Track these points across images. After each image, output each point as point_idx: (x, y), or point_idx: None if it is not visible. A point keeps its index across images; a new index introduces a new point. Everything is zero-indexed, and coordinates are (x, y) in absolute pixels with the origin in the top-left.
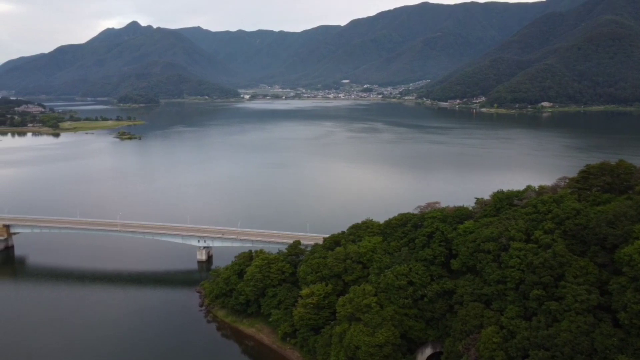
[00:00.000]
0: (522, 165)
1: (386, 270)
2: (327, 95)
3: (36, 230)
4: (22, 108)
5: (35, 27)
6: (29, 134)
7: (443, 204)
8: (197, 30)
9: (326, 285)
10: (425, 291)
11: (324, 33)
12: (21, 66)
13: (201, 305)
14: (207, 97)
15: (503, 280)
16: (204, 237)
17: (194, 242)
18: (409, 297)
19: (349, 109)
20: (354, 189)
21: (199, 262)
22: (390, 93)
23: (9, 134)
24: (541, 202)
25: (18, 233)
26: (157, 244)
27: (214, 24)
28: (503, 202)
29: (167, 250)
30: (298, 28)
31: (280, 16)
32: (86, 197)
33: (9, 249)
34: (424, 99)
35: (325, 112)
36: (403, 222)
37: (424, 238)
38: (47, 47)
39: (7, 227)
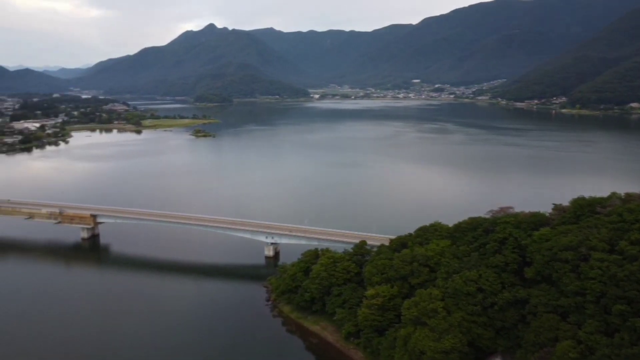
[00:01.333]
0: (607, 171)
1: (454, 275)
2: (397, 95)
3: (119, 221)
4: (109, 106)
5: (122, 31)
6: (115, 131)
7: (517, 209)
8: (270, 31)
9: (392, 287)
10: (496, 299)
11: (395, 32)
12: (110, 67)
13: (268, 300)
14: (277, 96)
15: (582, 292)
16: (272, 233)
17: (262, 238)
18: (478, 304)
19: (419, 109)
20: (422, 191)
21: (267, 257)
22: (463, 93)
23: (97, 131)
24: (628, 211)
25: (103, 222)
26: (227, 238)
27: (287, 25)
28: (584, 209)
29: (236, 245)
30: (369, 27)
31: (351, 16)
32: (164, 190)
33: (95, 237)
34: (499, 99)
35: (395, 112)
36: (473, 226)
37: (495, 244)
38: (133, 50)
39: (94, 216)
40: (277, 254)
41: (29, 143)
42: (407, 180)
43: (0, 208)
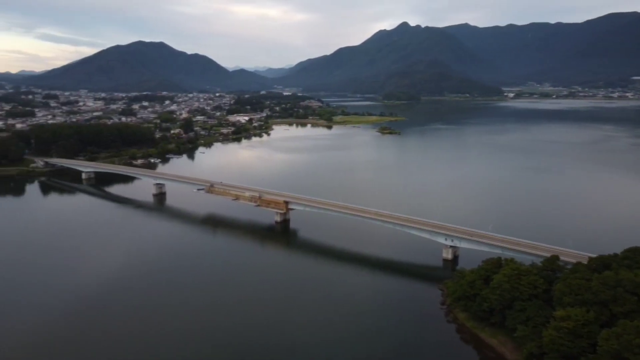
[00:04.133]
0: None
1: None
2: (610, 95)
3: (307, 209)
4: (305, 103)
5: (322, 33)
6: (309, 125)
7: None
8: (465, 27)
9: (587, 311)
10: None
11: (614, 22)
12: (308, 67)
13: (442, 304)
14: (467, 95)
15: None
16: (451, 235)
17: (441, 240)
18: None
19: (638, 111)
20: (635, 207)
21: (444, 260)
22: None
23: (294, 125)
24: None
25: (294, 209)
26: (405, 236)
27: (483, 20)
28: None
29: (412, 243)
30: (579, 18)
31: (558, 6)
32: (348, 183)
33: (287, 221)
34: None
35: (606, 114)
36: None
37: None
38: (330, 50)
39: (287, 203)
40: (455, 258)
41: (239, 134)
42: (615, 193)
43: (214, 189)
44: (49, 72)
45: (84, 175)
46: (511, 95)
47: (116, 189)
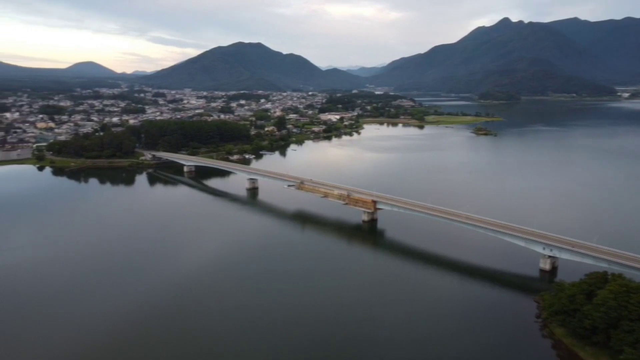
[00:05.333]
0: None
1: None
2: None
3: (395, 209)
4: (397, 102)
5: (417, 31)
6: (400, 125)
7: None
8: (573, 21)
9: None
10: None
11: None
12: (401, 66)
13: (537, 317)
14: (574, 94)
15: None
16: (550, 245)
17: (538, 249)
18: None
19: None
20: None
21: (541, 270)
22: None
23: (385, 124)
24: None
25: (381, 209)
26: (496, 242)
27: (594, 13)
28: None
29: (506, 250)
30: None
31: None
32: (438, 185)
33: (374, 221)
34: None
35: None
36: None
37: None
38: (424, 48)
39: (375, 202)
40: (554, 269)
41: (330, 132)
42: None
43: (304, 186)
44: (158, 72)
45: (185, 169)
46: (626, 95)
47: (213, 182)
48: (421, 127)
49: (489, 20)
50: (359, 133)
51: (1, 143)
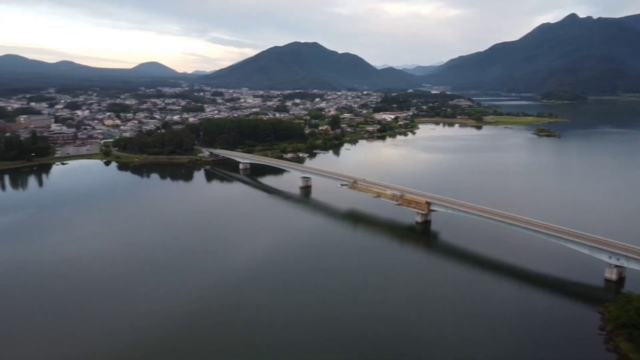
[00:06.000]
0: None
1: None
2: None
3: (449, 211)
4: (454, 102)
5: (476, 29)
6: (456, 125)
7: None
8: None
9: None
10: None
11: None
12: (459, 64)
13: (601, 330)
14: None
15: None
16: (618, 254)
17: (604, 257)
18: None
19: None
20: None
21: (606, 280)
22: None
23: (441, 124)
24: None
25: (435, 211)
26: (557, 248)
27: None
28: None
29: (566, 258)
30: None
31: None
32: (495, 188)
33: (427, 222)
34: None
35: None
36: None
37: None
38: (483, 46)
39: (429, 203)
40: (620, 279)
41: (384, 132)
42: None
43: (357, 185)
44: (217, 72)
45: (241, 166)
46: None
47: (267, 180)
48: (479, 127)
49: (553, 16)
50: (413, 133)
51: (73, 139)
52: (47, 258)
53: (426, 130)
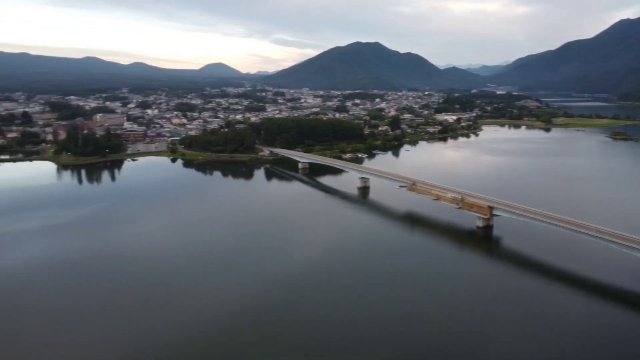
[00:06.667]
0: None
1: None
2: None
3: (514, 217)
4: (521, 102)
5: (547, 26)
6: (523, 127)
7: None
8: None
9: None
10: None
11: None
12: (527, 64)
13: None
14: None
15: None
16: None
17: None
18: None
19: None
20: None
21: None
22: None
23: (506, 126)
24: None
25: (498, 216)
26: (633, 261)
27: None
28: None
29: None
30: None
31: None
32: (561, 193)
33: (489, 227)
34: None
35: None
36: None
37: None
38: (554, 44)
39: (491, 208)
40: None
41: (445, 133)
42: None
43: (416, 187)
44: (279, 73)
45: (300, 165)
46: None
47: (326, 180)
48: (547, 129)
49: (633, 12)
50: (476, 135)
51: (143, 136)
52: (118, 249)
53: (490, 132)
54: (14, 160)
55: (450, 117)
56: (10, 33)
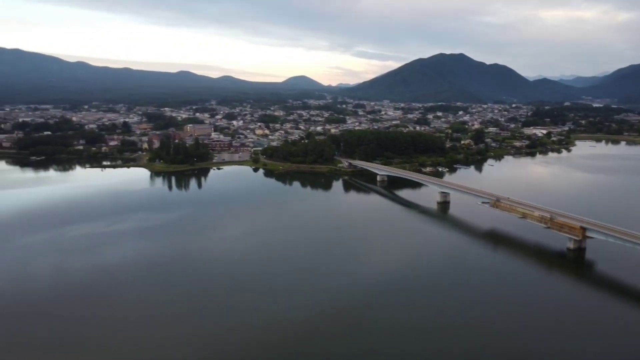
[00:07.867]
0: None
1: None
2: None
3: (610, 240)
4: (621, 116)
5: None
6: (623, 143)
7: None
8: None
9: None
10: None
11: None
12: (629, 74)
13: None
14: None
15: None
16: None
17: None
18: None
19: None
20: None
21: None
22: None
23: (603, 141)
24: None
25: (592, 238)
26: None
27: None
28: None
29: None
30: None
31: None
32: None
33: (581, 250)
34: None
35: None
36: None
37: None
38: None
39: (584, 229)
40: None
41: (533, 148)
42: None
43: (500, 204)
44: (360, 85)
45: (378, 178)
46: None
47: (404, 193)
48: None
49: None
50: (568, 150)
51: (228, 146)
52: (203, 253)
53: (584, 148)
54: (114, 167)
55: (540, 131)
56: (116, 50)
